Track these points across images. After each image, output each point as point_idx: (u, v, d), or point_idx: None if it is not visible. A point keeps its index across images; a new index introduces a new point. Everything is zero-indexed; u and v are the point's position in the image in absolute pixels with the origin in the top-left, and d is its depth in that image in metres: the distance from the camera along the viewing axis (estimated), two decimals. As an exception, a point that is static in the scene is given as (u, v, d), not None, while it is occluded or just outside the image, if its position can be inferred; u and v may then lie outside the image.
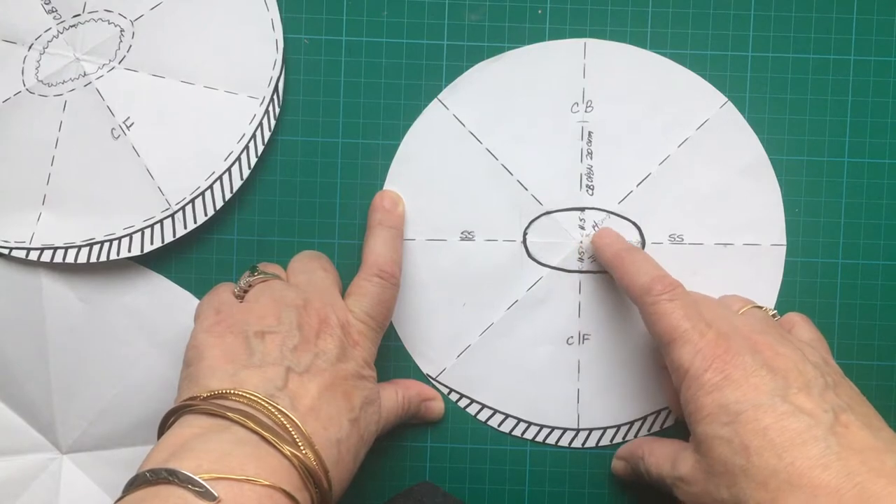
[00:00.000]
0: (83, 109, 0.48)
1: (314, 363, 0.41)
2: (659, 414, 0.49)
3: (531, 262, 0.49)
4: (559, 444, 0.49)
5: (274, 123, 0.48)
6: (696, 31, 0.48)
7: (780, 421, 0.38)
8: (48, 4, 0.48)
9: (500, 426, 0.49)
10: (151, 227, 0.48)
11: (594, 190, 0.49)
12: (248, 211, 0.49)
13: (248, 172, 0.48)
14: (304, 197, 0.49)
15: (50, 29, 0.48)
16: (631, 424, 0.49)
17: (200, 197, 0.48)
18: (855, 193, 0.49)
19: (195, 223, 0.48)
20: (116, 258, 0.48)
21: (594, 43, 0.49)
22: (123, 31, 0.48)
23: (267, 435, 0.37)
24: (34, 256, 0.48)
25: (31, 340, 0.49)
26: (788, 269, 0.49)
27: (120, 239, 0.48)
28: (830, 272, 0.49)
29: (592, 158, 0.49)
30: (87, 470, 0.49)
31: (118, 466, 0.49)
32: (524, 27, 0.48)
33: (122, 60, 0.48)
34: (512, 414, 0.49)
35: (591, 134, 0.49)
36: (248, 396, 0.38)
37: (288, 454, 0.37)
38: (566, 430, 0.49)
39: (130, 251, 0.48)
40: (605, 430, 0.49)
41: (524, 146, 0.49)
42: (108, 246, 0.48)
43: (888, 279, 0.49)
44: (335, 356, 0.41)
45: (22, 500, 0.49)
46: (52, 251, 0.48)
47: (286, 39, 0.48)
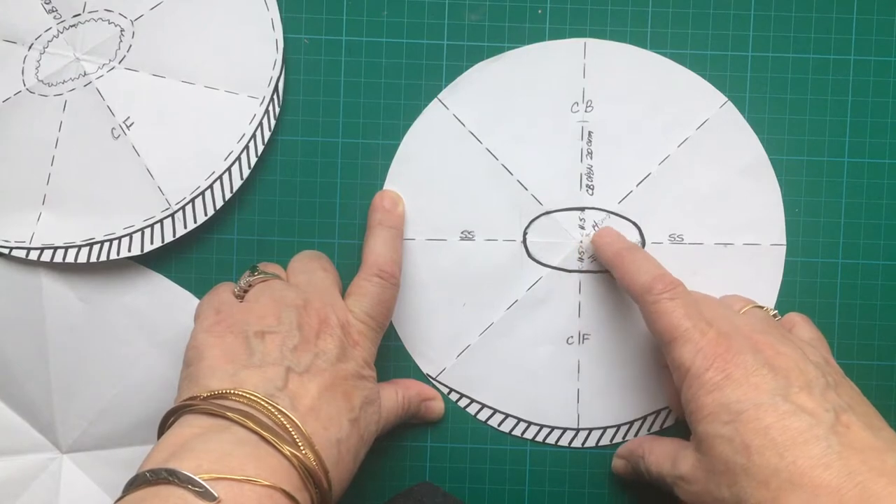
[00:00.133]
0: (83, 109, 0.47)
1: (314, 363, 0.41)
2: (659, 414, 0.49)
3: (531, 262, 0.49)
4: (559, 443, 0.49)
5: (274, 123, 0.48)
6: (696, 31, 0.48)
7: (781, 420, 0.38)
8: (48, 4, 0.48)
9: (500, 426, 0.49)
10: (151, 226, 0.48)
11: (594, 190, 0.49)
12: (248, 211, 0.49)
13: (248, 172, 0.48)
14: (304, 197, 0.49)
15: (50, 29, 0.48)
16: (631, 424, 0.49)
17: (200, 197, 0.48)
18: (855, 193, 0.49)
19: (195, 223, 0.48)
20: (116, 258, 0.48)
21: (594, 43, 0.49)
22: (123, 30, 0.48)
23: (267, 435, 0.37)
24: (34, 256, 0.48)
25: (31, 340, 0.49)
26: (788, 269, 0.49)
27: (120, 239, 0.48)
28: (830, 272, 0.49)
29: (592, 158, 0.49)
30: (87, 470, 0.49)
31: (118, 466, 0.49)
32: (524, 27, 0.48)
33: (122, 60, 0.48)
34: (512, 414, 0.49)
35: (591, 134, 0.49)
36: (247, 396, 0.38)
37: (288, 454, 0.37)
38: (566, 429, 0.49)
39: (130, 251, 0.48)
40: (605, 429, 0.49)
41: (524, 146, 0.49)
42: (108, 246, 0.48)
43: (888, 279, 0.49)
44: (335, 356, 0.41)
45: (22, 500, 0.49)
46: (52, 251, 0.48)
47: (286, 39, 0.48)
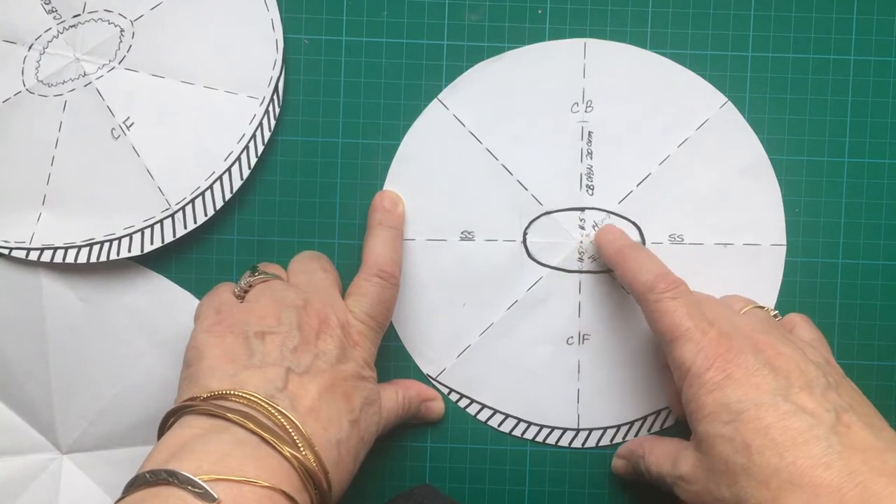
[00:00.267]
0: (83, 109, 0.47)
1: (314, 364, 0.41)
2: (659, 414, 0.49)
3: (531, 262, 0.49)
4: (559, 444, 0.49)
5: (274, 123, 0.48)
6: (696, 31, 0.48)
7: (782, 420, 0.38)
8: (48, 4, 0.48)
9: (500, 426, 0.49)
10: (151, 227, 0.48)
11: (594, 190, 0.49)
12: (248, 211, 0.49)
13: (248, 172, 0.48)
14: (304, 197, 0.49)
15: (50, 29, 0.47)
16: (631, 424, 0.49)
17: (200, 197, 0.48)
18: (855, 193, 0.49)
19: (195, 223, 0.48)
20: (116, 258, 0.48)
21: (594, 43, 0.49)
22: (123, 31, 0.48)
23: (266, 436, 0.37)
24: (34, 256, 0.48)
25: (31, 340, 0.49)
26: (788, 269, 0.49)
27: (120, 239, 0.48)
28: (830, 272, 0.49)
29: (592, 158, 0.49)
30: (87, 470, 0.49)
31: (118, 466, 0.49)
32: (524, 27, 0.48)
33: (122, 60, 0.48)
34: (512, 414, 0.49)
35: (591, 134, 0.49)
36: (247, 397, 0.38)
37: (287, 455, 0.37)
38: (566, 430, 0.49)
39: (130, 251, 0.48)
40: (605, 430, 0.49)
41: (524, 146, 0.49)
42: (108, 246, 0.48)
43: (888, 279, 0.49)
44: (335, 357, 0.41)
45: (22, 500, 0.49)
46: (52, 251, 0.48)
47: (286, 39, 0.48)
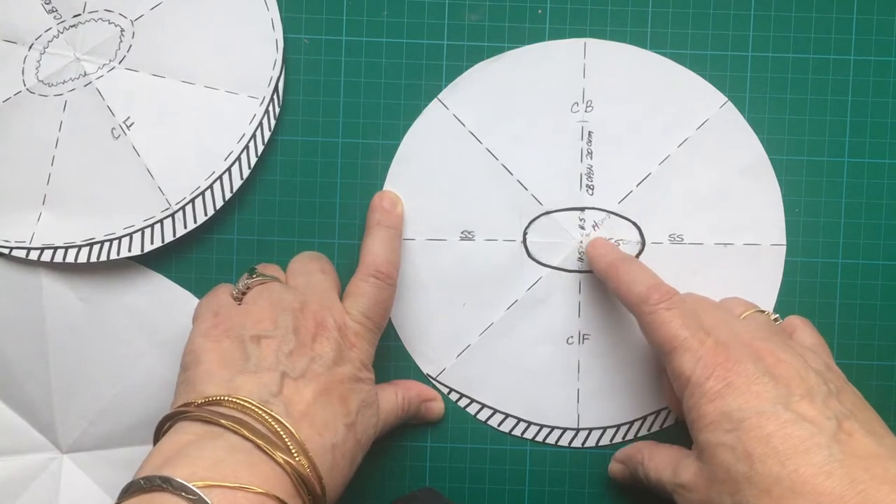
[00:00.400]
0: (83, 109, 0.48)
1: (310, 368, 0.41)
2: (659, 414, 0.49)
3: (531, 261, 0.49)
4: (559, 443, 0.49)
5: (274, 123, 0.48)
6: (696, 31, 0.48)
7: (783, 428, 0.38)
8: (48, 4, 0.48)
9: (500, 426, 0.49)
10: (151, 226, 0.48)
11: (594, 190, 0.49)
12: (248, 211, 0.49)
13: (248, 172, 0.48)
14: (304, 197, 0.49)
15: (50, 29, 0.48)
16: (631, 424, 0.49)
17: (200, 197, 0.48)
18: (855, 193, 0.49)
19: (195, 223, 0.48)
20: (116, 258, 0.48)
21: (594, 43, 0.48)
22: (123, 30, 0.48)
23: (260, 442, 0.37)
24: (34, 256, 0.48)
25: (31, 340, 0.49)
26: (788, 269, 0.49)
27: (120, 239, 0.48)
28: (830, 272, 0.49)
29: (592, 158, 0.49)
30: (87, 470, 0.49)
31: (118, 466, 0.49)
32: (524, 27, 0.48)
33: (122, 60, 0.48)
34: (512, 414, 0.49)
35: (591, 134, 0.49)
36: (242, 403, 0.38)
37: (281, 461, 0.37)
38: (566, 429, 0.49)
39: (130, 251, 0.48)
40: (605, 429, 0.49)
41: (524, 146, 0.49)
42: (108, 246, 0.48)
43: (888, 279, 0.49)
44: (331, 360, 0.41)
45: (22, 500, 0.49)
46: (52, 251, 0.48)
47: (286, 39, 0.48)
